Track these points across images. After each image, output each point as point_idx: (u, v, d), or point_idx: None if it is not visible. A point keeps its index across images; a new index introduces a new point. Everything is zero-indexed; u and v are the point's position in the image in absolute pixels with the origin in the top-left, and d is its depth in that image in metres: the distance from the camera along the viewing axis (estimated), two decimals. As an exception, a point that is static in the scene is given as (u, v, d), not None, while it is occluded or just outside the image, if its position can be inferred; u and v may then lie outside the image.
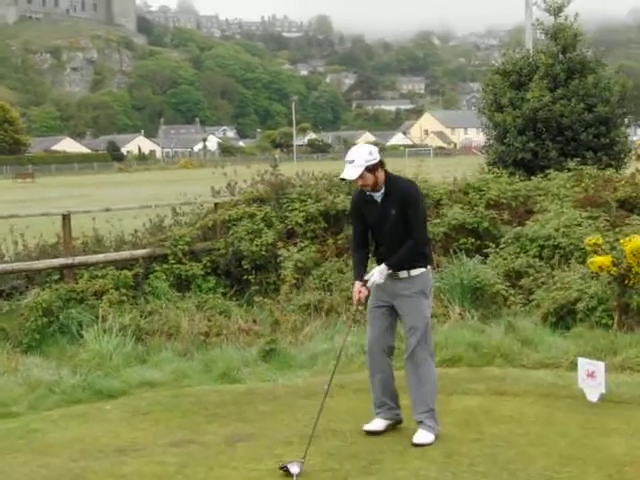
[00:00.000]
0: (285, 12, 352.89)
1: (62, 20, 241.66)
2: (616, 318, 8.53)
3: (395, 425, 6.45)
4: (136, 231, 11.93)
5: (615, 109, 16.46)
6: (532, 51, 17.65)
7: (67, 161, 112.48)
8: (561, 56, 16.88)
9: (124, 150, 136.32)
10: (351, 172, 6.00)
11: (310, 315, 9.86)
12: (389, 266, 6.05)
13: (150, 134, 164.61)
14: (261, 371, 8.37)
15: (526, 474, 5.47)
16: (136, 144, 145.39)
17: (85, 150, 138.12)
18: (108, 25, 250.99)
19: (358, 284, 6.20)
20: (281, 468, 5.64)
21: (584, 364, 7.06)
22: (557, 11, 17.02)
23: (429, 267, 6.24)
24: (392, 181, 6.13)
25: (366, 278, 6.15)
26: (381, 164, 6.07)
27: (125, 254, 11.09)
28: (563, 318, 9.04)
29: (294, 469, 5.55)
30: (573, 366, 7.54)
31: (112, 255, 11.05)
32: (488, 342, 8.48)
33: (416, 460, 5.84)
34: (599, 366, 6.95)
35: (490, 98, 16.98)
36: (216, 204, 12.08)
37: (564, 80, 16.31)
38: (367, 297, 6.25)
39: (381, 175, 6.07)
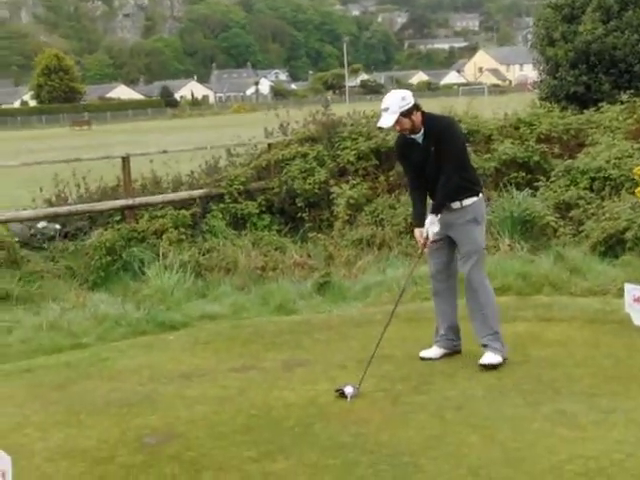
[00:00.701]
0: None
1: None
2: (664, 246, 8.65)
3: (451, 355, 6.72)
4: (192, 172, 12.27)
5: (671, 39, 16.22)
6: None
7: (121, 108, 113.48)
8: (616, -14, 16.64)
9: (177, 96, 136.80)
10: (387, 120, 6.15)
11: (363, 250, 10.14)
12: (436, 212, 6.24)
13: (202, 79, 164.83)
14: (316, 303, 8.70)
15: (570, 391, 5.71)
16: (189, 89, 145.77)
17: (139, 97, 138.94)
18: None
19: (418, 231, 6.38)
20: (337, 391, 5.97)
21: (630, 289, 7.21)
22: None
23: (481, 195, 6.41)
24: (429, 120, 6.27)
25: (424, 234, 6.31)
26: (416, 107, 6.19)
27: (183, 194, 11.45)
28: (612, 247, 9.18)
29: (348, 390, 5.87)
30: (620, 293, 7.69)
31: (170, 196, 11.42)
32: (537, 271, 8.67)
33: (465, 381, 6.11)
34: (646, 291, 7.10)
35: (542, 32, 16.85)
36: (269, 144, 12.35)
37: (617, 12, 16.12)
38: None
39: (418, 117, 6.20)
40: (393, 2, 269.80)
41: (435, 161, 6.19)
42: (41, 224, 11.01)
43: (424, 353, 6.73)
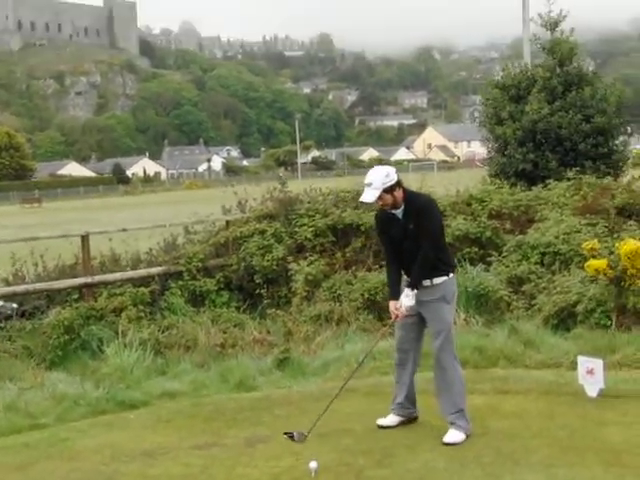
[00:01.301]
0: (287, 31, 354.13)
1: (65, 46, 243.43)
2: (614, 319, 8.92)
3: (408, 422, 6.85)
4: (151, 249, 12.35)
5: (612, 119, 16.87)
6: (530, 65, 18.10)
7: (73, 185, 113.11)
8: (558, 69, 17.31)
9: (129, 173, 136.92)
10: (370, 195, 6.38)
11: (321, 325, 10.26)
12: (412, 287, 6.43)
13: (155, 156, 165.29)
14: (276, 379, 8.76)
15: (528, 462, 5.85)
16: (141, 166, 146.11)
17: (90, 174, 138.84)
18: (111, 49, 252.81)
19: (393, 304, 6.56)
20: (286, 433, 6.12)
21: (584, 362, 7.44)
22: (553, 26, 17.48)
23: (451, 275, 6.61)
24: (410, 197, 6.50)
25: (398, 307, 6.51)
26: (398, 184, 6.43)
27: (142, 272, 11.52)
28: (564, 320, 9.42)
29: (312, 465, 5.94)
30: (574, 365, 7.92)
31: (129, 273, 11.48)
32: (492, 345, 8.87)
33: (426, 453, 6.22)
34: (598, 363, 7.32)
35: (490, 111, 17.41)
36: (227, 222, 12.50)
37: (561, 93, 16.74)
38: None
39: (399, 194, 6.43)
40: (343, 80, 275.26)
41: (413, 238, 6.38)
42: (-2, 303, 10.99)
43: (381, 421, 6.88)
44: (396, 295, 6.56)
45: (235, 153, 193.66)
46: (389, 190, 6.37)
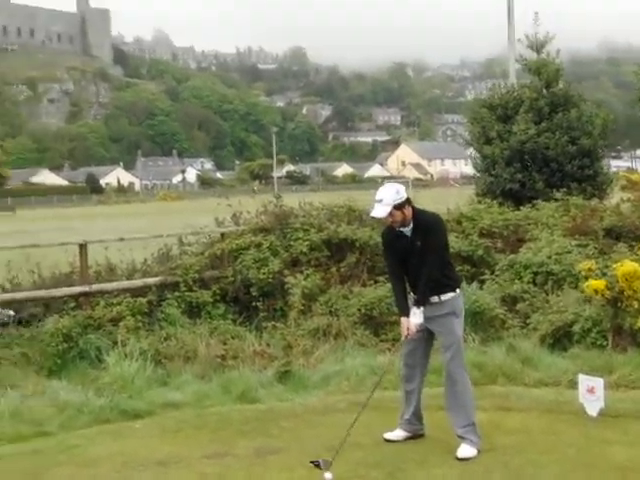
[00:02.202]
0: (260, 44, 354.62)
1: (38, 52, 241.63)
2: (610, 339, 9.13)
3: (414, 438, 6.98)
4: (146, 260, 12.40)
5: (598, 141, 17.20)
6: (517, 85, 18.39)
7: (46, 193, 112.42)
8: (544, 90, 17.62)
9: (103, 182, 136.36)
10: (380, 211, 6.54)
11: (319, 339, 10.37)
12: (419, 304, 6.58)
13: (128, 166, 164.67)
14: (278, 392, 8.87)
15: (537, 478, 6.00)
16: (115, 176, 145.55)
17: (64, 182, 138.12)
18: (84, 56, 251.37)
19: (405, 321, 6.68)
20: (312, 462, 6.22)
21: (584, 380, 7.62)
22: (540, 47, 17.81)
23: (458, 291, 6.78)
24: (419, 215, 6.67)
25: (407, 326, 6.64)
26: (408, 201, 6.60)
27: (138, 282, 11.55)
28: (560, 340, 9.63)
29: (328, 477, 6.05)
30: (572, 384, 8.14)
31: (126, 283, 11.51)
32: (491, 362, 9.04)
33: (436, 468, 6.36)
34: (598, 382, 7.51)
35: (478, 131, 17.67)
36: (222, 234, 12.58)
37: (548, 113, 17.05)
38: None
39: (409, 211, 6.60)
40: (317, 94, 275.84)
41: (419, 255, 6.53)
42: (-6, 310, 10.98)
43: (388, 435, 7.03)
44: (405, 311, 6.71)
45: (209, 165, 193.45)
46: (399, 207, 6.54)
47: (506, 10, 20.57)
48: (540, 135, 16.59)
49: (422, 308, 6.59)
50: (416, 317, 6.60)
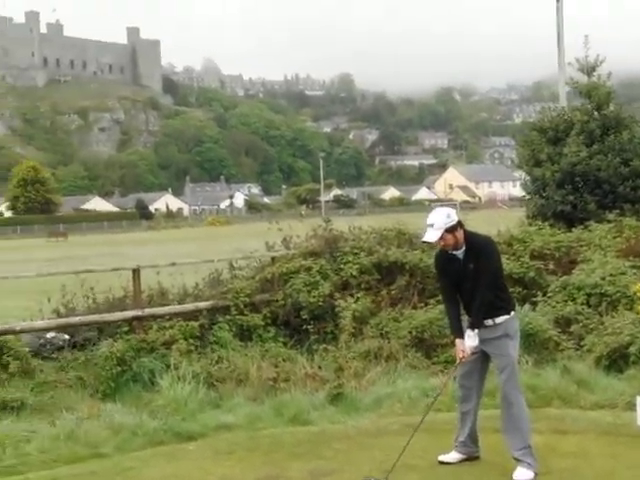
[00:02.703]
0: (308, 71, 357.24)
1: (90, 82, 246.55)
2: (667, 361, 8.97)
3: (469, 460, 6.92)
4: (197, 284, 12.52)
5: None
6: (567, 108, 18.27)
7: (97, 220, 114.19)
8: (595, 113, 17.47)
9: (152, 208, 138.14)
10: (432, 235, 6.56)
11: (370, 362, 10.35)
12: (473, 327, 6.58)
13: (177, 192, 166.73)
14: (330, 414, 8.85)
15: (599, 502, 5.91)
16: (164, 202, 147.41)
17: (114, 208, 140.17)
18: (134, 86, 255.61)
19: (460, 343, 6.68)
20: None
21: (642, 403, 7.49)
22: (590, 70, 17.70)
23: (512, 313, 6.74)
24: (471, 238, 6.68)
25: (462, 348, 6.65)
26: (459, 224, 6.61)
27: (189, 306, 11.66)
28: (616, 361, 9.48)
29: None
30: (629, 406, 8.00)
31: (178, 307, 11.63)
32: (545, 384, 8.93)
33: (493, 491, 6.30)
34: (657, 404, 7.38)
35: (528, 154, 17.57)
36: (273, 258, 12.66)
37: (599, 136, 16.89)
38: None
39: (460, 234, 6.61)
40: (364, 119, 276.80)
41: (472, 278, 6.53)
42: (50, 334, 11.15)
43: (443, 457, 7.00)
44: (459, 334, 6.69)
45: (256, 190, 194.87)
46: (450, 230, 6.54)
47: (555, 34, 20.45)
48: (592, 157, 16.43)
49: (476, 331, 6.57)
50: (471, 340, 6.59)
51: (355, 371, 9.99)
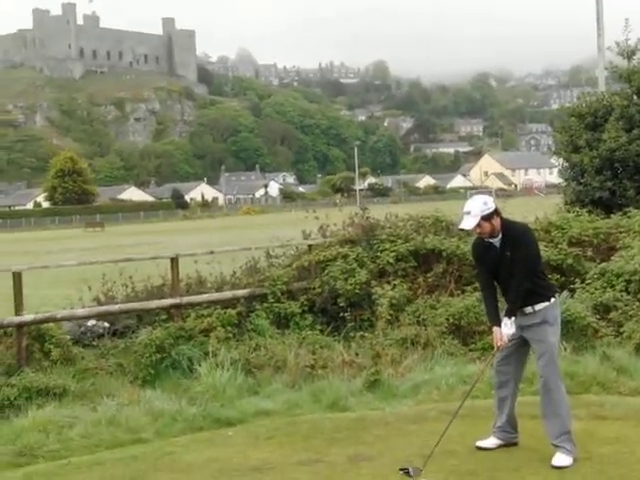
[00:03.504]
0: (342, 59, 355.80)
1: (125, 73, 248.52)
2: None
3: (507, 446, 6.92)
4: (234, 272, 12.60)
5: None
6: (606, 93, 18.02)
7: (133, 210, 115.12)
8: (635, 98, 17.21)
9: (187, 198, 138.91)
10: (469, 222, 6.57)
11: (407, 349, 10.37)
12: (510, 315, 6.58)
13: (212, 181, 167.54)
14: (367, 400, 8.89)
15: (639, 489, 5.89)
16: (199, 191, 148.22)
17: (149, 198, 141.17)
18: (170, 76, 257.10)
19: (497, 330, 6.68)
20: (401, 469, 6.27)
21: (683, 389, 7.44)
22: (630, 54, 17.43)
23: (552, 300, 6.71)
24: (508, 226, 6.66)
25: (499, 336, 6.65)
26: (496, 212, 6.59)
27: (227, 294, 11.75)
28: (656, 348, 9.41)
29: (414, 472, 6.13)
30: (670, 393, 7.95)
31: (215, 295, 11.72)
32: (584, 371, 8.89)
33: (531, 476, 6.29)
34: (697, 390, 7.32)
35: (566, 140, 17.37)
36: (310, 246, 12.70)
37: (639, 121, 16.64)
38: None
39: (497, 222, 6.59)
40: (398, 107, 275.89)
41: (509, 265, 6.52)
42: (90, 322, 11.30)
43: (481, 443, 7.00)
44: (497, 321, 6.69)
45: (291, 179, 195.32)
46: (487, 218, 6.53)
47: (594, 17, 20.18)
48: (631, 143, 16.18)
49: (513, 318, 6.57)
50: (507, 327, 6.59)
51: (392, 358, 10.01)
